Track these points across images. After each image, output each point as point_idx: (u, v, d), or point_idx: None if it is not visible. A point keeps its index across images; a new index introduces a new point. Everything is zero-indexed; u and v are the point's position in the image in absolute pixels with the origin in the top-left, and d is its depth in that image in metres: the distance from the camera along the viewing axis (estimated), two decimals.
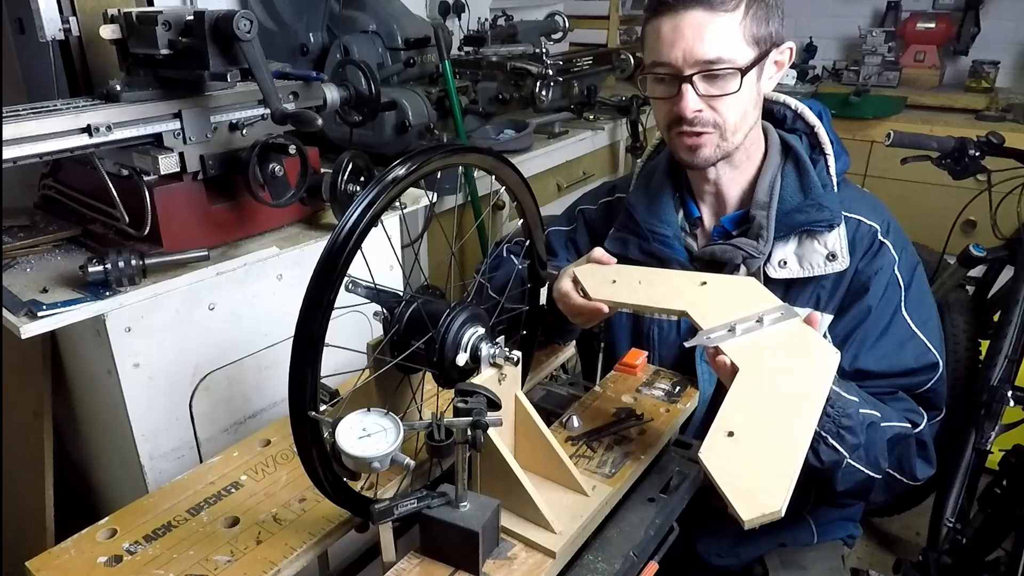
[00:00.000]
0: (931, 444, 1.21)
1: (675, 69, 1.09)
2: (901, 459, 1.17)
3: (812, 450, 1.01)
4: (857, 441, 1.03)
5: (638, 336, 1.34)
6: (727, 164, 1.20)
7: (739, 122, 1.13)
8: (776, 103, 1.27)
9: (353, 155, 1.37)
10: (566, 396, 1.21)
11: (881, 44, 3.45)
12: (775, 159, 1.21)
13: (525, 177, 0.93)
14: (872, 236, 1.17)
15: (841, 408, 1.01)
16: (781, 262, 1.17)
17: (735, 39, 1.08)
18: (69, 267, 1.28)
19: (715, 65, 1.07)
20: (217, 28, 1.16)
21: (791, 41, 1.17)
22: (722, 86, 1.09)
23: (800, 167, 1.19)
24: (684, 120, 1.12)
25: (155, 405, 1.30)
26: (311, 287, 0.69)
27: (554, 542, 0.83)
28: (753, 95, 1.14)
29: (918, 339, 1.17)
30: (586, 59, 2.55)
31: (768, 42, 1.12)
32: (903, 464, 1.18)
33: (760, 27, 1.09)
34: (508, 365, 0.86)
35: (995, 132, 1.87)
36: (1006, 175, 1.89)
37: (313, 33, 2.15)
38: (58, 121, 1.11)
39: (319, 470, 0.75)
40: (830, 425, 1.01)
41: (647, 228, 1.26)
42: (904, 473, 1.19)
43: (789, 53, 1.17)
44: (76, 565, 0.81)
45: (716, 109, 1.11)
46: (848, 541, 1.41)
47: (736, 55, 1.08)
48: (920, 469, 1.20)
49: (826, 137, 1.22)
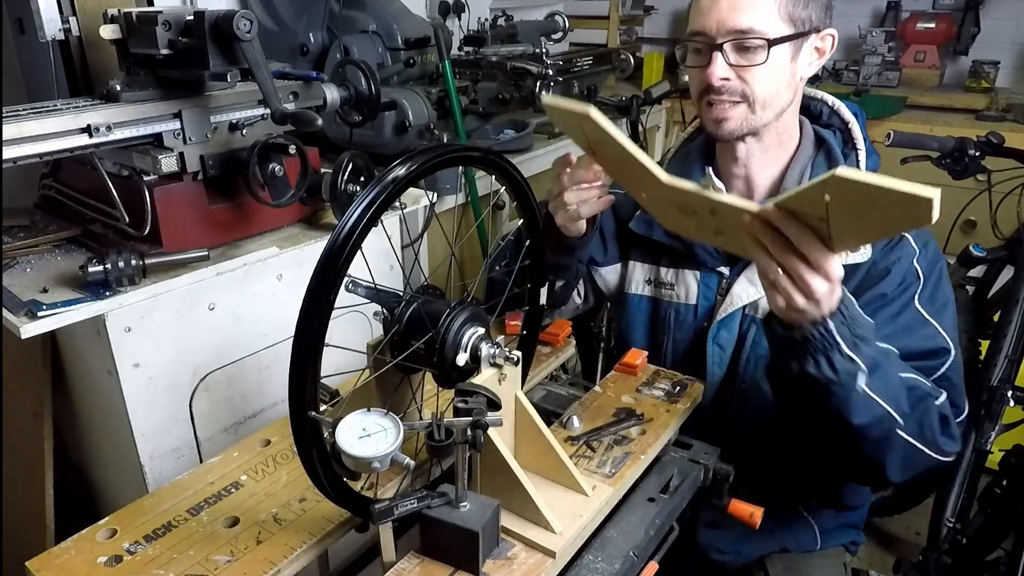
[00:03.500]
0: (954, 424, 1.11)
1: (709, 38, 1.11)
2: (923, 424, 1.04)
3: (825, 358, 0.92)
4: (872, 355, 0.94)
5: (655, 319, 1.35)
6: (757, 143, 1.20)
7: (768, 97, 1.13)
8: (814, 99, 1.28)
9: (353, 155, 1.37)
10: (566, 396, 1.21)
11: (881, 44, 3.45)
12: (808, 150, 1.22)
13: (525, 177, 0.93)
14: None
15: (857, 316, 0.93)
16: None
17: (770, 13, 1.09)
18: (69, 267, 1.28)
19: (746, 35, 1.08)
20: (217, 28, 1.16)
21: (833, 29, 1.17)
22: (751, 57, 1.10)
23: (831, 159, 1.20)
24: (712, 88, 1.12)
25: (155, 405, 1.30)
26: (311, 287, 0.69)
27: (554, 542, 0.83)
28: (786, 74, 1.14)
29: (930, 326, 1.14)
30: (586, 59, 2.55)
31: (807, 24, 1.12)
32: (924, 430, 1.05)
33: (798, 7, 1.10)
34: (508, 365, 0.86)
35: (995, 132, 1.86)
36: (1006, 175, 1.89)
37: (313, 33, 2.15)
38: (58, 121, 1.12)
39: (319, 470, 0.75)
40: (845, 331, 0.91)
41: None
42: (926, 442, 1.05)
43: (831, 41, 1.18)
44: (76, 565, 0.81)
45: (744, 80, 1.11)
46: (851, 548, 1.40)
47: (768, 28, 1.09)
48: (944, 442, 1.08)
49: (859, 133, 1.23)
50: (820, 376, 0.92)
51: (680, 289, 1.31)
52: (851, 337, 0.91)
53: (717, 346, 1.26)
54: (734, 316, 1.24)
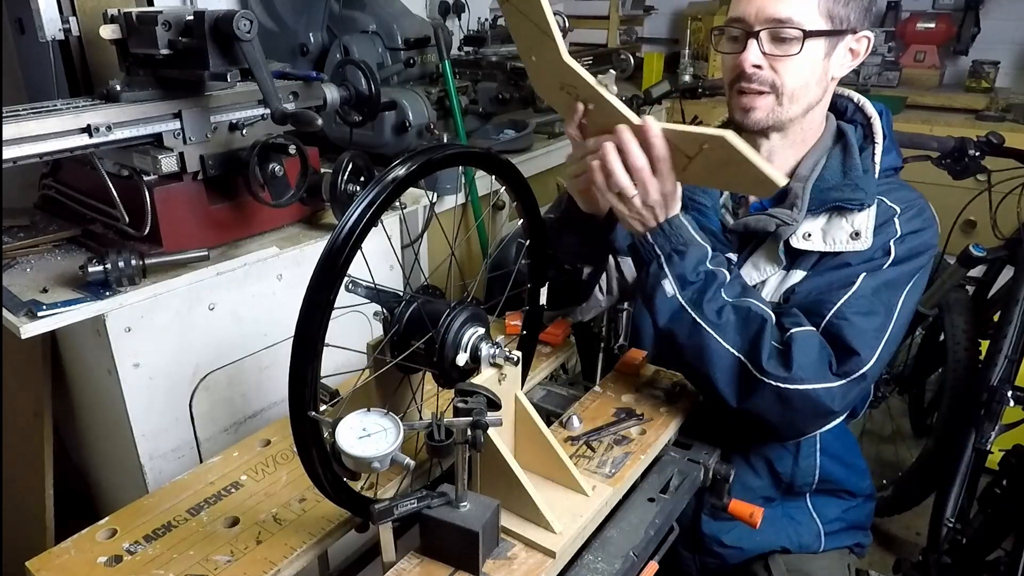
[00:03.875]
0: (795, 351, 1.02)
1: (747, 25, 1.12)
2: (751, 343, 1.03)
3: (644, 263, 1.09)
4: (684, 273, 1.06)
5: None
6: (781, 138, 1.20)
7: (798, 90, 1.14)
8: (840, 96, 1.29)
9: (353, 155, 1.37)
10: (566, 396, 1.21)
11: (881, 44, 3.45)
12: (826, 142, 1.23)
13: (525, 177, 0.93)
14: (890, 217, 1.16)
15: (680, 234, 1.06)
16: (806, 234, 1.17)
17: (810, 6, 1.10)
18: (69, 267, 1.28)
19: (783, 24, 1.09)
20: (217, 28, 1.16)
21: (870, 32, 1.18)
22: (785, 47, 1.11)
23: (847, 151, 1.21)
24: (743, 76, 1.13)
25: (155, 405, 1.30)
26: (311, 287, 0.69)
27: (554, 542, 0.83)
28: (817, 70, 1.14)
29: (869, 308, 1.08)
30: (586, 59, 2.56)
31: (845, 23, 1.13)
32: (751, 349, 1.03)
33: (838, 4, 1.11)
34: (508, 365, 0.86)
35: (995, 132, 1.86)
36: (1006, 175, 1.89)
37: (313, 33, 2.15)
38: (58, 121, 1.12)
39: (319, 470, 0.75)
40: (663, 240, 1.06)
41: (687, 196, 1.24)
42: (752, 357, 1.02)
43: (867, 44, 1.18)
44: (76, 565, 0.81)
45: (776, 70, 1.12)
46: (857, 551, 1.39)
47: (806, 20, 1.09)
48: (772, 365, 1.01)
49: (879, 128, 1.23)
50: (639, 281, 1.11)
51: None
52: (669, 249, 1.06)
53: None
54: None
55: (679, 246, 1.06)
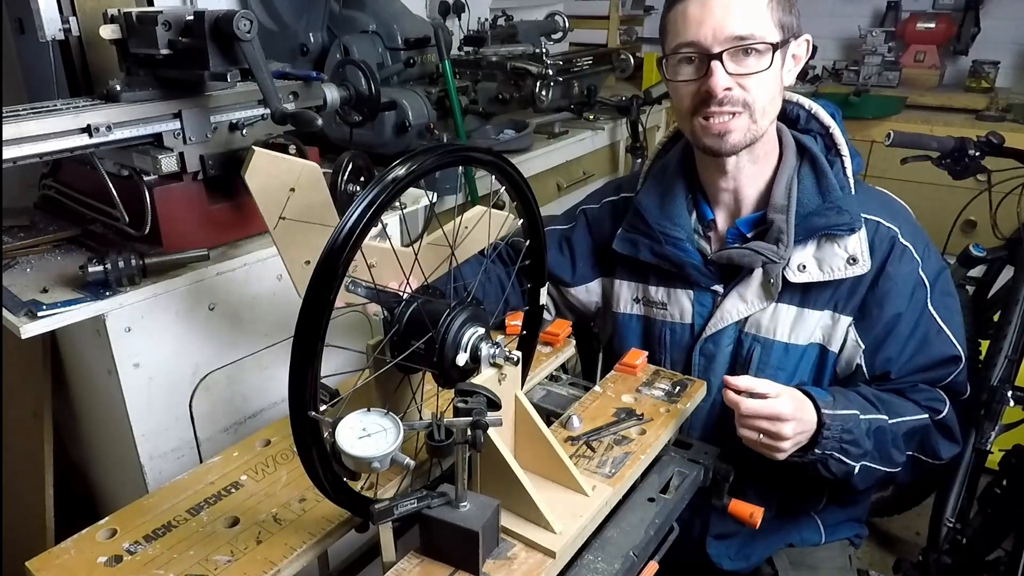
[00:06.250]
0: (955, 426, 1.25)
1: (703, 48, 1.08)
2: (924, 444, 1.23)
3: (823, 465, 1.09)
4: (863, 449, 1.09)
5: (648, 337, 1.34)
6: (748, 155, 1.17)
7: (768, 104, 1.11)
8: (789, 103, 1.25)
9: (353, 155, 1.37)
10: (566, 396, 1.21)
11: (881, 44, 3.45)
12: (791, 160, 1.19)
13: (525, 177, 0.93)
14: (892, 240, 1.16)
15: (840, 425, 1.07)
16: (800, 266, 1.16)
17: (764, 18, 1.07)
18: (69, 267, 1.28)
19: (747, 40, 1.06)
20: (217, 28, 1.16)
21: (808, 34, 1.17)
22: (753, 64, 1.08)
23: (817, 169, 1.18)
24: (713, 100, 1.09)
25: (155, 405, 1.30)
26: (311, 287, 0.69)
27: (554, 542, 0.83)
28: (778, 81, 1.12)
29: (943, 334, 1.20)
30: (586, 59, 2.55)
31: (790, 31, 1.11)
32: (926, 448, 1.23)
33: (785, 13, 1.10)
34: (508, 365, 0.86)
35: (995, 132, 1.87)
36: (1006, 175, 1.89)
37: (313, 33, 2.15)
38: (58, 121, 1.11)
39: (319, 470, 0.75)
40: (832, 444, 1.08)
41: (659, 230, 1.24)
42: (927, 454, 1.24)
43: (806, 46, 1.17)
44: (76, 565, 0.81)
45: (746, 88, 1.09)
46: (855, 541, 1.41)
47: (766, 33, 1.08)
48: (944, 449, 1.25)
49: (842, 138, 1.21)
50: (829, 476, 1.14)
51: (674, 309, 1.29)
52: (839, 446, 1.08)
53: (702, 356, 1.27)
54: (724, 332, 1.24)
55: (843, 436, 1.08)
